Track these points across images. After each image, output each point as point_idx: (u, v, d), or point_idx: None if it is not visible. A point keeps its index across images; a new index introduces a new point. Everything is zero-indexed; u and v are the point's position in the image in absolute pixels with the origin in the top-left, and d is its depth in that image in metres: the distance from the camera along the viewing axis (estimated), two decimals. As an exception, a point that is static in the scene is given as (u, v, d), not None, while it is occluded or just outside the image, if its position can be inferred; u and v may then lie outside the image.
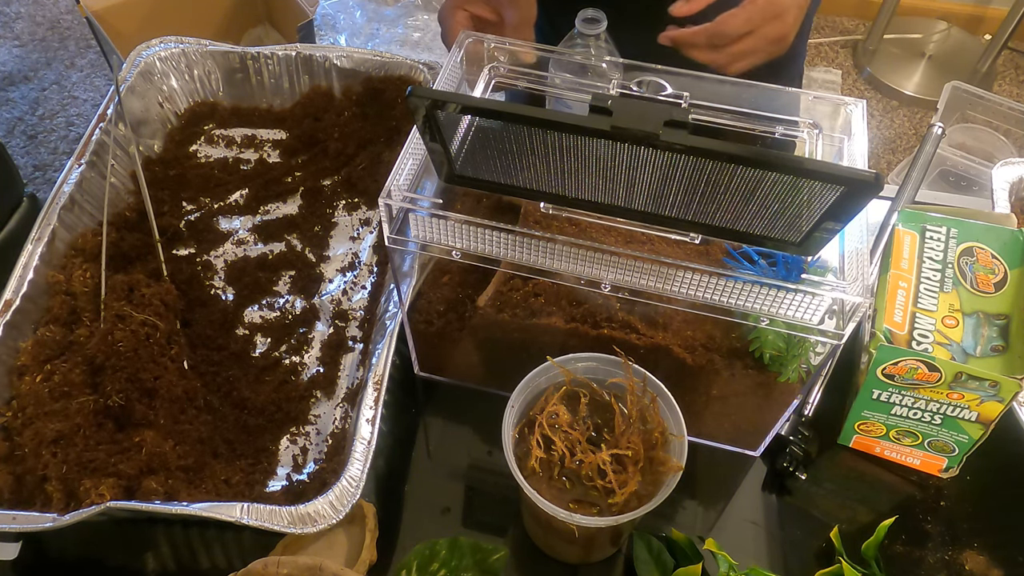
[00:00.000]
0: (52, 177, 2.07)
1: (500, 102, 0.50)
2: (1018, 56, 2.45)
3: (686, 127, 0.47)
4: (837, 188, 0.47)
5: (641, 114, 0.47)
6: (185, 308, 0.76)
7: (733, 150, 0.47)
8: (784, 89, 0.68)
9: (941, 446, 0.69)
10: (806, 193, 0.48)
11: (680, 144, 0.47)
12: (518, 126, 0.50)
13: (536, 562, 0.67)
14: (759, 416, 0.70)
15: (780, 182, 0.48)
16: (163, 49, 0.93)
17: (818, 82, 2.38)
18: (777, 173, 0.47)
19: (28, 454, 0.65)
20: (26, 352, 0.71)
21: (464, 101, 0.51)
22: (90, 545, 0.68)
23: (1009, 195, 0.84)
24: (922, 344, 0.64)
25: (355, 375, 0.74)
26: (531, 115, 0.49)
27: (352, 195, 0.89)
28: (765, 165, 0.47)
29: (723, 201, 0.52)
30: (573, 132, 0.49)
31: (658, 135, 0.47)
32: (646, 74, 0.66)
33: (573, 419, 0.61)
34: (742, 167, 0.48)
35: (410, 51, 2.30)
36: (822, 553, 0.68)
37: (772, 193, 0.50)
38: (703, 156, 0.48)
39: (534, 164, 0.54)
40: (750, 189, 0.50)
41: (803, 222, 0.52)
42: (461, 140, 0.58)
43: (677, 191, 0.53)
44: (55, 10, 2.55)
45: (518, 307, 0.68)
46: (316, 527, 0.60)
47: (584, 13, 0.71)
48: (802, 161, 0.47)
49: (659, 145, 0.47)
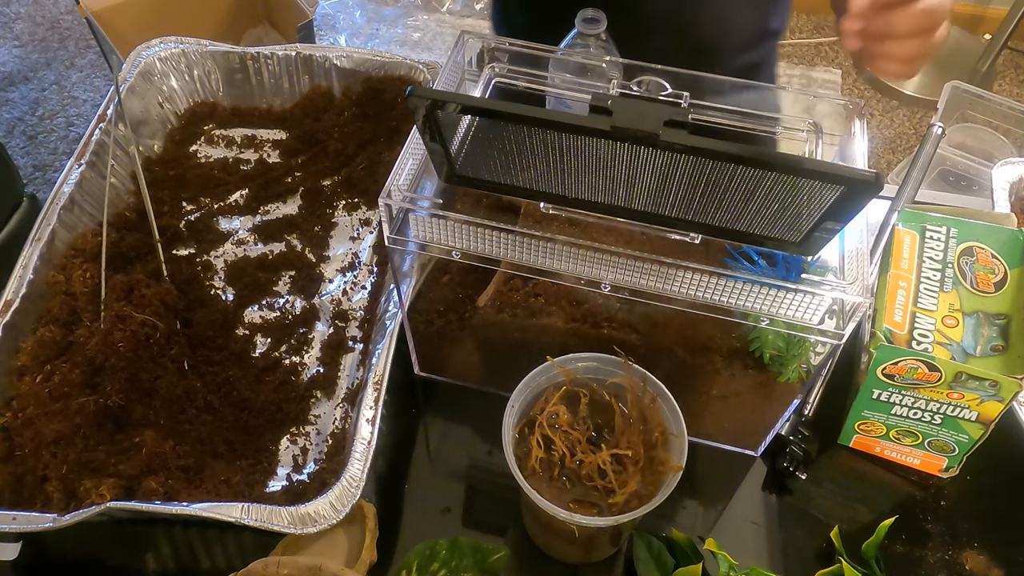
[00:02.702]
0: (52, 177, 2.07)
1: (500, 102, 0.50)
2: (1018, 56, 2.45)
3: (686, 127, 0.47)
4: (837, 188, 0.47)
5: (641, 114, 0.47)
6: (185, 308, 0.76)
7: (732, 150, 0.46)
8: (784, 89, 0.68)
9: (941, 446, 0.69)
10: (806, 193, 0.48)
11: (680, 144, 0.47)
12: (518, 126, 0.50)
13: (536, 562, 0.67)
14: (759, 416, 0.70)
15: (780, 182, 0.48)
16: (163, 49, 0.93)
17: (818, 82, 2.38)
18: (777, 173, 0.47)
19: (28, 454, 0.65)
20: (26, 352, 0.71)
21: (464, 101, 0.51)
22: (90, 545, 0.68)
23: (1009, 195, 0.84)
24: (922, 344, 0.64)
25: (355, 375, 0.74)
26: (531, 115, 0.49)
27: (352, 195, 0.89)
28: (764, 165, 0.47)
29: (723, 201, 0.52)
30: (573, 132, 0.49)
31: (658, 135, 0.47)
32: (646, 74, 0.66)
33: (573, 419, 0.61)
34: (742, 167, 0.48)
35: (410, 51, 2.30)
36: (822, 553, 0.68)
37: (772, 193, 0.49)
38: (703, 156, 0.48)
39: (534, 164, 0.54)
40: (750, 189, 0.50)
41: (803, 222, 0.52)
42: (461, 140, 0.58)
43: (677, 191, 0.53)
44: (55, 10, 2.55)
45: (518, 307, 0.68)
46: (316, 527, 0.60)
47: (584, 13, 0.71)
48: (801, 161, 0.47)
49: (659, 145, 0.47)
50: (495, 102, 0.51)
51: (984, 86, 2.23)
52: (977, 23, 2.51)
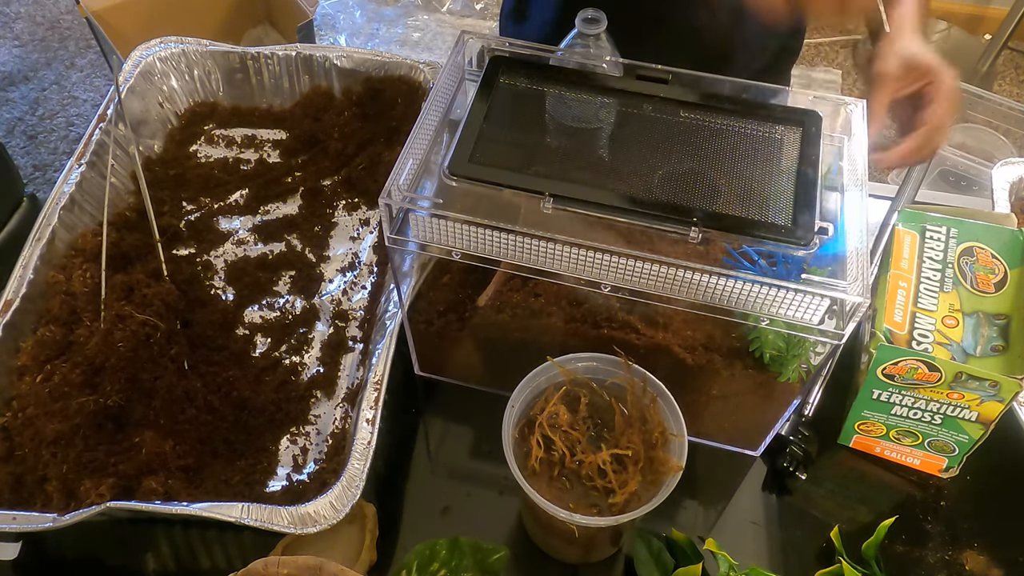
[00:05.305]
0: (52, 177, 2.07)
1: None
2: (1018, 56, 2.45)
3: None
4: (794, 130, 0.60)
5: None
6: (185, 308, 0.76)
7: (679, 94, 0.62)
8: (784, 89, 0.68)
9: (941, 446, 0.69)
10: (768, 145, 0.58)
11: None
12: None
13: (536, 562, 0.67)
14: (759, 416, 0.70)
15: (747, 137, 0.57)
16: (163, 49, 0.93)
17: (818, 82, 2.38)
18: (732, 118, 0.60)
19: (28, 454, 0.65)
20: (26, 352, 0.71)
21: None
22: (90, 545, 0.68)
23: (1009, 195, 0.84)
24: (922, 344, 0.64)
25: (355, 375, 0.74)
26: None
27: (352, 195, 0.89)
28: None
29: (708, 174, 0.59)
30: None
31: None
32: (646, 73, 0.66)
33: (573, 419, 0.61)
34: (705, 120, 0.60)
35: (410, 51, 2.30)
36: (822, 553, 0.68)
37: (744, 153, 0.59)
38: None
39: (546, 150, 0.60)
40: (726, 151, 0.61)
41: (782, 190, 0.58)
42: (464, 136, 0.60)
43: (668, 168, 0.59)
44: (55, 10, 2.55)
45: (518, 307, 0.68)
46: (316, 527, 0.60)
47: (584, 13, 0.71)
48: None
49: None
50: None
51: (984, 86, 2.23)
52: (977, 23, 2.51)
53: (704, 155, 0.62)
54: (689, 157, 0.61)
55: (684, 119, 0.64)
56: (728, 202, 0.58)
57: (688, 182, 0.60)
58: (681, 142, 0.62)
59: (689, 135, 0.63)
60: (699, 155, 0.62)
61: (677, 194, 0.59)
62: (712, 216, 0.57)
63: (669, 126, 0.63)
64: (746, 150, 0.62)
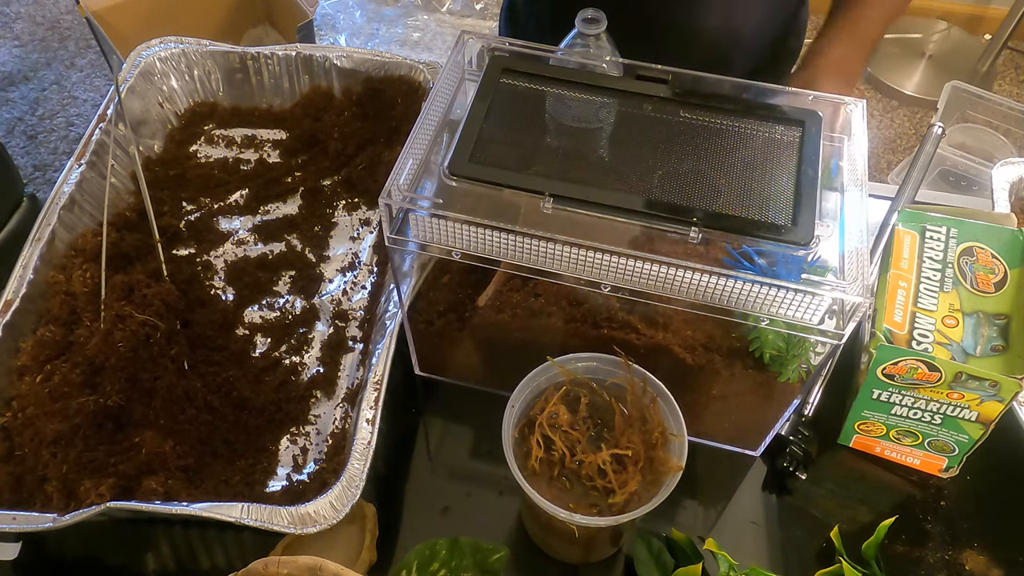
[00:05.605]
0: (52, 177, 2.07)
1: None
2: (1018, 56, 2.45)
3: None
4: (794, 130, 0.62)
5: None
6: (185, 308, 0.76)
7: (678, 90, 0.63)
8: (784, 89, 0.68)
9: (941, 446, 0.69)
10: (768, 146, 0.60)
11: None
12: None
13: (536, 562, 0.67)
14: (759, 416, 0.70)
15: (747, 138, 0.59)
16: (163, 49, 0.93)
17: (818, 82, 2.37)
18: (732, 118, 0.62)
19: (28, 454, 0.65)
20: (26, 352, 0.71)
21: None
22: (90, 545, 0.68)
23: (1009, 195, 0.84)
24: (922, 344, 0.64)
25: (355, 375, 0.74)
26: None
27: (352, 195, 0.89)
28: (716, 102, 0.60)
29: (708, 174, 0.60)
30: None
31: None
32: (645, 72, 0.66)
33: (573, 419, 0.61)
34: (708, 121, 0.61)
35: (410, 51, 2.30)
36: (822, 553, 0.68)
37: (744, 154, 0.60)
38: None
39: (546, 150, 0.62)
40: (726, 151, 0.62)
41: (782, 190, 0.59)
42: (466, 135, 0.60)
43: (668, 168, 0.59)
44: (55, 10, 2.55)
45: (518, 307, 0.68)
46: (316, 527, 0.60)
47: (584, 13, 0.71)
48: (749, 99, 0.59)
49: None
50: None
51: (984, 86, 2.23)
52: (977, 23, 2.51)
53: (704, 155, 0.62)
54: (689, 157, 0.61)
55: (684, 119, 0.64)
56: (728, 202, 0.59)
57: (688, 182, 0.60)
58: (681, 142, 0.62)
59: (689, 135, 0.63)
60: (699, 155, 0.61)
61: (677, 194, 0.59)
62: (712, 216, 0.57)
63: (669, 126, 0.63)
64: (746, 150, 0.62)
